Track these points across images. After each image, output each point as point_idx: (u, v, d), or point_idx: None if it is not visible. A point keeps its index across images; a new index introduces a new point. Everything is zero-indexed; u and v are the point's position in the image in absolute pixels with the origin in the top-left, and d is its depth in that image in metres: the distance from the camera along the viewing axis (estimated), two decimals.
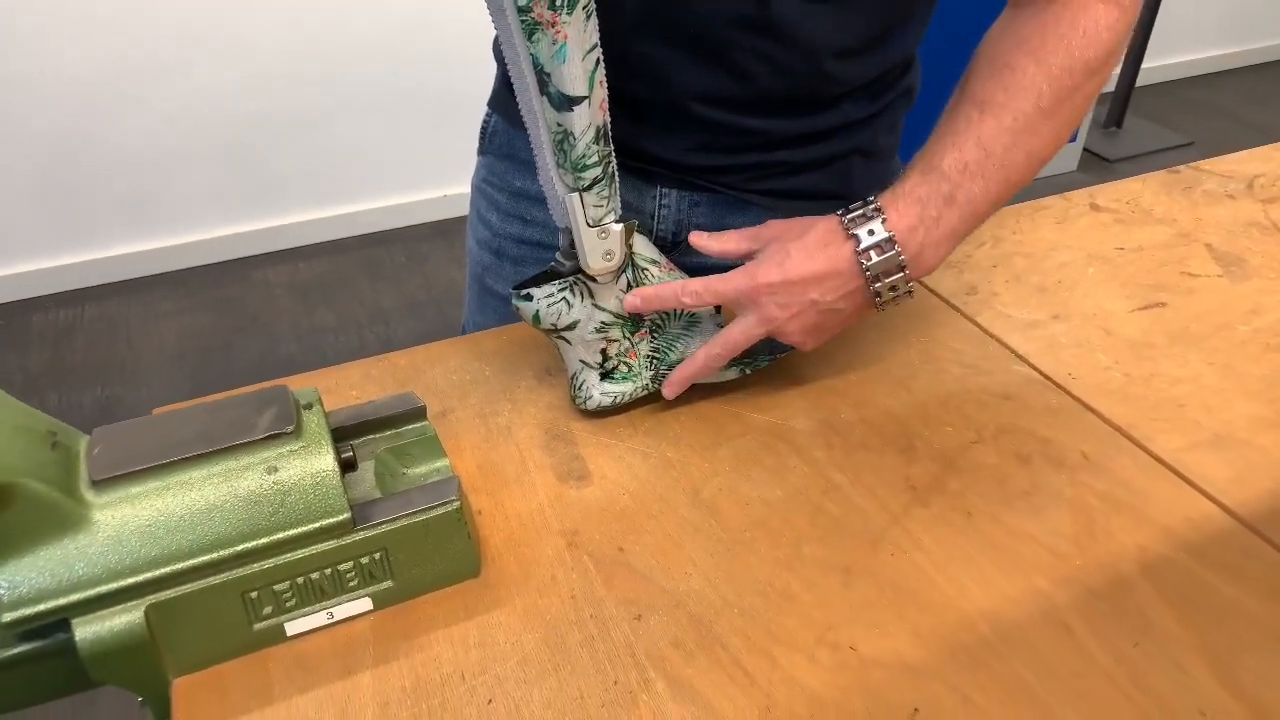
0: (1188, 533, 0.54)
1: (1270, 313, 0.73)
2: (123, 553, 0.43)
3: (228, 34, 2.16)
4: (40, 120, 2.09)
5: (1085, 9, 0.58)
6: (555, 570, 0.52)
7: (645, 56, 0.65)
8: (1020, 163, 0.57)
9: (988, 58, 0.60)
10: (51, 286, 2.25)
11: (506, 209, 0.79)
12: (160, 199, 2.28)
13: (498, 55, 0.75)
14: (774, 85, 0.67)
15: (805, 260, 0.57)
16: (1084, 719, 0.44)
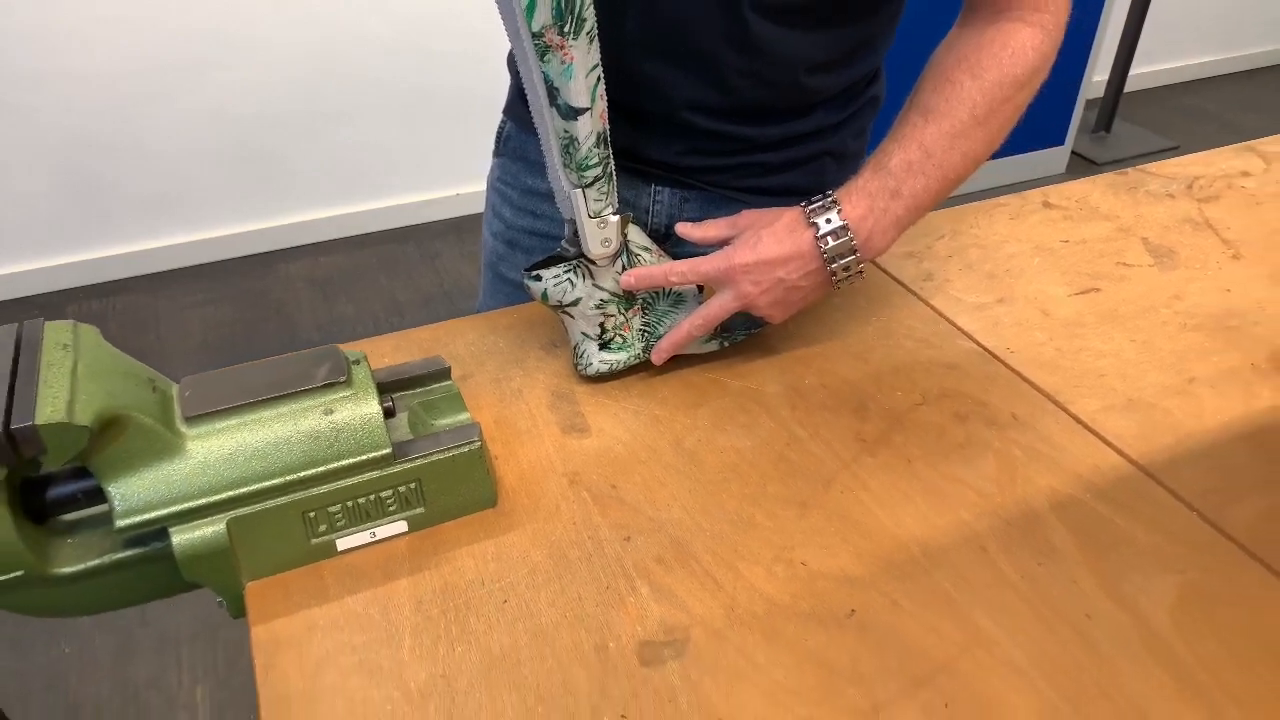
0: (1094, 478, 0.64)
1: (1191, 298, 0.83)
2: (209, 475, 0.53)
3: (252, 37, 2.27)
4: (74, 118, 2.20)
5: (1014, 33, 0.68)
6: (559, 502, 0.62)
7: (644, 72, 0.74)
8: (957, 162, 0.67)
9: (933, 72, 0.70)
10: (84, 279, 2.37)
11: (519, 205, 0.89)
12: (187, 196, 2.40)
13: (512, 69, 0.86)
14: (755, 96, 0.77)
15: (774, 244, 0.67)
16: (990, 619, 0.54)
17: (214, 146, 2.36)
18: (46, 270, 2.33)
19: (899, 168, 0.67)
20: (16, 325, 0.53)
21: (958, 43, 0.71)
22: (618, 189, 0.68)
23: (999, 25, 0.69)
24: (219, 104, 2.31)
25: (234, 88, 2.31)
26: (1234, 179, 1.02)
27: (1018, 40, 0.68)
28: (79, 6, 2.09)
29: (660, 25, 0.72)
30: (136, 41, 2.17)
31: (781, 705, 0.49)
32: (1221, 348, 0.76)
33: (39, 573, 0.52)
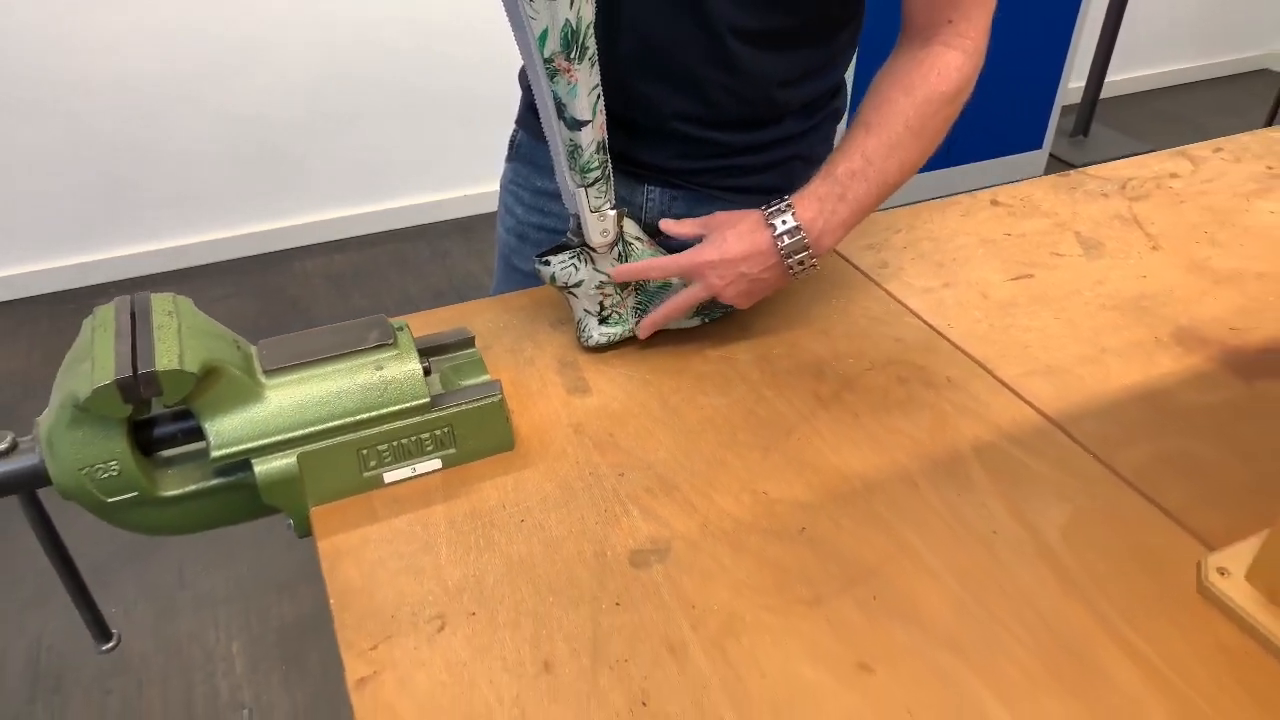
0: (1010, 429, 0.76)
1: (1112, 283, 0.95)
2: (284, 418, 0.66)
3: (274, 45, 2.40)
4: (108, 122, 2.33)
5: (941, 56, 0.80)
6: (565, 446, 0.75)
7: (638, 89, 0.87)
8: (894, 169, 0.80)
9: (874, 90, 0.83)
10: (112, 274, 2.50)
11: (529, 204, 1.02)
12: (212, 195, 2.53)
13: (523, 84, 0.98)
14: (734, 108, 0.89)
15: (736, 243, 0.79)
16: (915, 535, 0.66)
17: (238, 149, 2.49)
18: (76, 266, 2.46)
19: (844, 175, 0.79)
20: (129, 296, 0.66)
21: (894, 65, 0.84)
22: (615, 188, 0.80)
23: (928, 49, 0.81)
24: (243, 109, 2.44)
25: (257, 94, 2.44)
26: (1163, 180, 1.15)
27: (944, 62, 0.80)
28: (114, 17, 2.22)
29: (652, 48, 0.84)
30: (167, 50, 2.30)
31: (743, 597, 0.62)
32: (1132, 324, 0.89)
33: (148, 494, 0.65)
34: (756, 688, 0.56)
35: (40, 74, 2.22)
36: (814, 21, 0.85)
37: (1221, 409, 0.78)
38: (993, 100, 2.76)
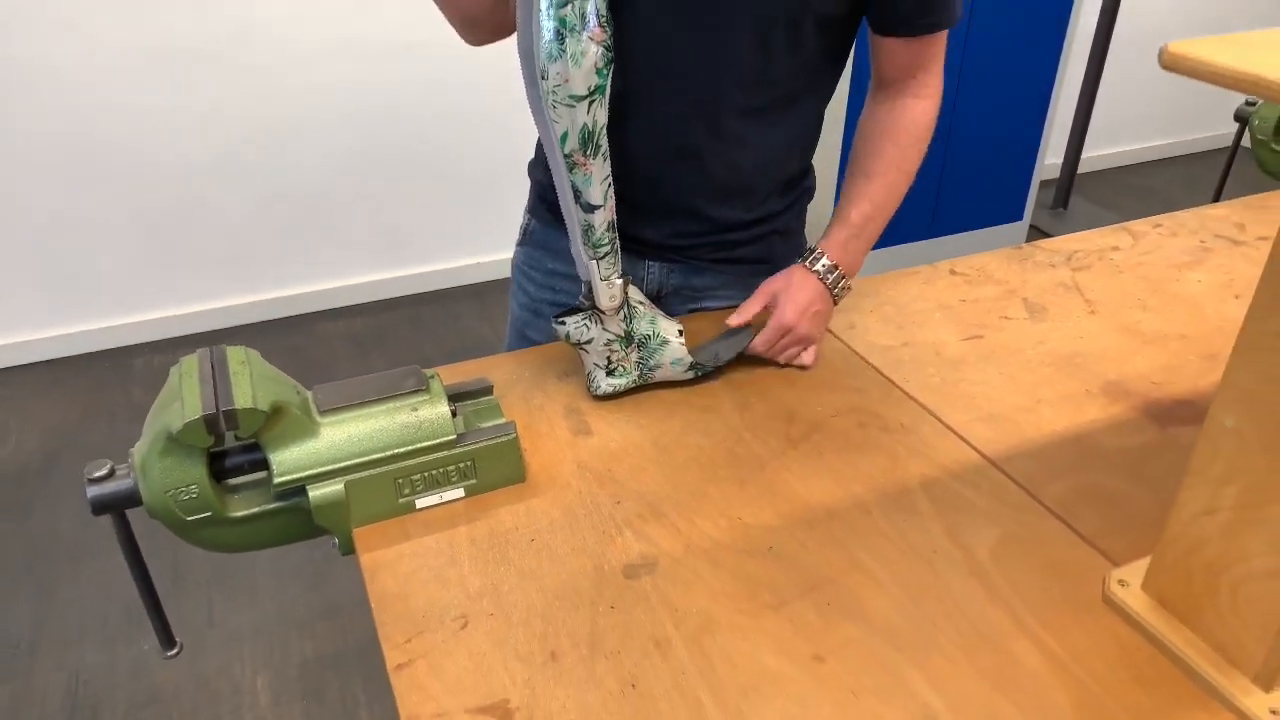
0: (953, 466, 0.89)
1: (1052, 343, 1.08)
2: (334, 450, 0.79)
3: (306, 125, 2.59)
4: (151, 194, 2.51)
5: (912, 107, 1.00)
6: (570, 479, 0.87)
7: (644, 169, 0.99)
8: (894, 206, 1.00)
9: (864, 141, 1.02)
10: (148, 336, 2.65)
11: (541, 283, 1.15)
12: (240, 262, 2.69)
13: (533, 176, 1.13)
14: (729, 180, 1.03)
15: (801, 294, 0.98)
16: (866, 553, 0.78)
17: (269, 220, 2.66)
18: (119, 327, 2.61)
19: (857, 219, 0.99)
20: (209, 349, 0.80)
21: (874, 117, 1.02)
22: (621, 261, 0.94)
23: (901, 100, 1.01)
24: (277, 183, 2.62)
25: (289, 169, 2.62)
26: (1106, 252, 1.29)
27: (916, 111, 1.00)
28: (168, 99, 2.41)
29: (661, 129, 0.98)
30: (217, 129, 2.50)
31: (718, 603, 0.74)
32: (1066, 379, 1.02)
33: (219, 514, 0.78)
34: (727, 674, 0.68)
35: (100, 147, 2.40)
36: (798, 95, 1.00)
37: (1137, 451, 0.91)
38: (974, 174, 2.94)
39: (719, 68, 0.94)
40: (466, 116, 2.73)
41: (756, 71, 0.95)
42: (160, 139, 2.46)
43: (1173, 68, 0.51)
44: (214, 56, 2.42)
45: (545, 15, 0.82)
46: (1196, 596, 0.68)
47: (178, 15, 2.35)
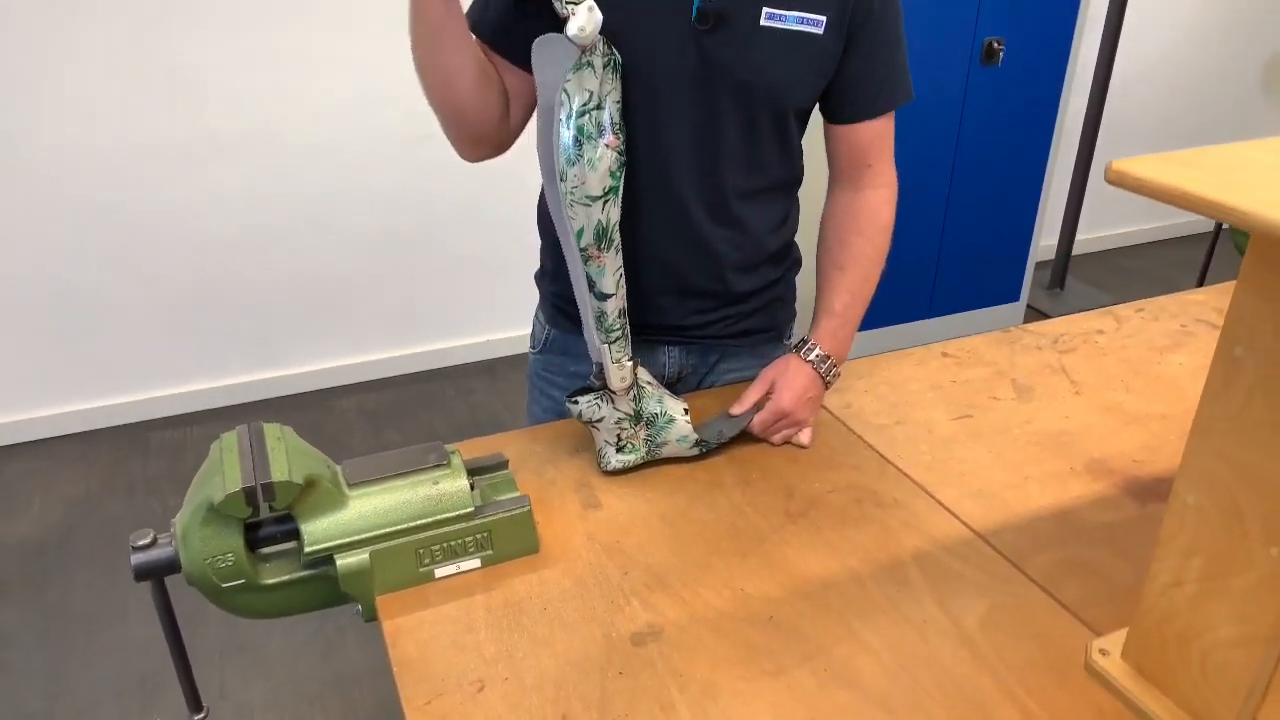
0: (944, 540, 0.93)
1: (1038, 422, 1.14)
2: (361, 521, 0.84)
3: (324, 210, 2.70)
4: (178, 274, 2.61)
5: (872, 198, 1.10)
6: (580, 551, 0.92)
7: (656, 254, 1.07)
8: (870, 292, 1.10)
9: (831, 236, 1.12)
10: (166, 411, 2.72)
11: (566, 387, 1.20)
12: (260, 339, 2.78)
13: (542, 287, 1.21)
14: (733, 255, 1.11)
15: (796, 380, 1.05)
16: (860, 621, 0.83)
17: (290, 299, 2.76)
18: (136, 403, 2.69)
19: (840, 309, 1.09)
20: (247, 425, 0.86)
21: (837, 211, 1.13)
22: (640, 354, 1.01)
23: (861, 194, 1.11)
24: (298, 264, 2.73)
25: (311, 252, 2.73)
26: (1090, 336, 1.36)
27: (876, 202, 1.10)
28: (197, 185, 2.53)
29: (668, 217, 1.06)
30: (241, 213, 2.61)
31: (721, 669, 0.78)
32: (1052, 457, 1.07)
33: (253, 581, 0.83)
34: None
35: (127, 228, 2.51)
36: (786, 179, 1.12)
37: (1118, 526, 0.95)
38: (971, 256, 3.03)
39: (717, 160, 1.04)
40: (476, 200, 2.85)
41: (749, 161, 1.06)
42: (186, 222, 2.57)
43: (1117, 183, 0.58)
44: (241, 145, 2.55)
45: (564, 125, 0.90)
46: (1170, 665, 0.72)
47: (208, 107, 2.48)
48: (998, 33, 2.76)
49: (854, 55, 1.03)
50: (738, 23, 0.98)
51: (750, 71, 0.99)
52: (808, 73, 1.02)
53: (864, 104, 1.07)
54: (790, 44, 0.99)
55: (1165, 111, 3.82)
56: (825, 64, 1.02)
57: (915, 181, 2.81)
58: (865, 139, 1.09)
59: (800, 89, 1.03)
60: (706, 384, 1.22)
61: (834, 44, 1.01)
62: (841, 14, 1.00)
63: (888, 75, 1.06)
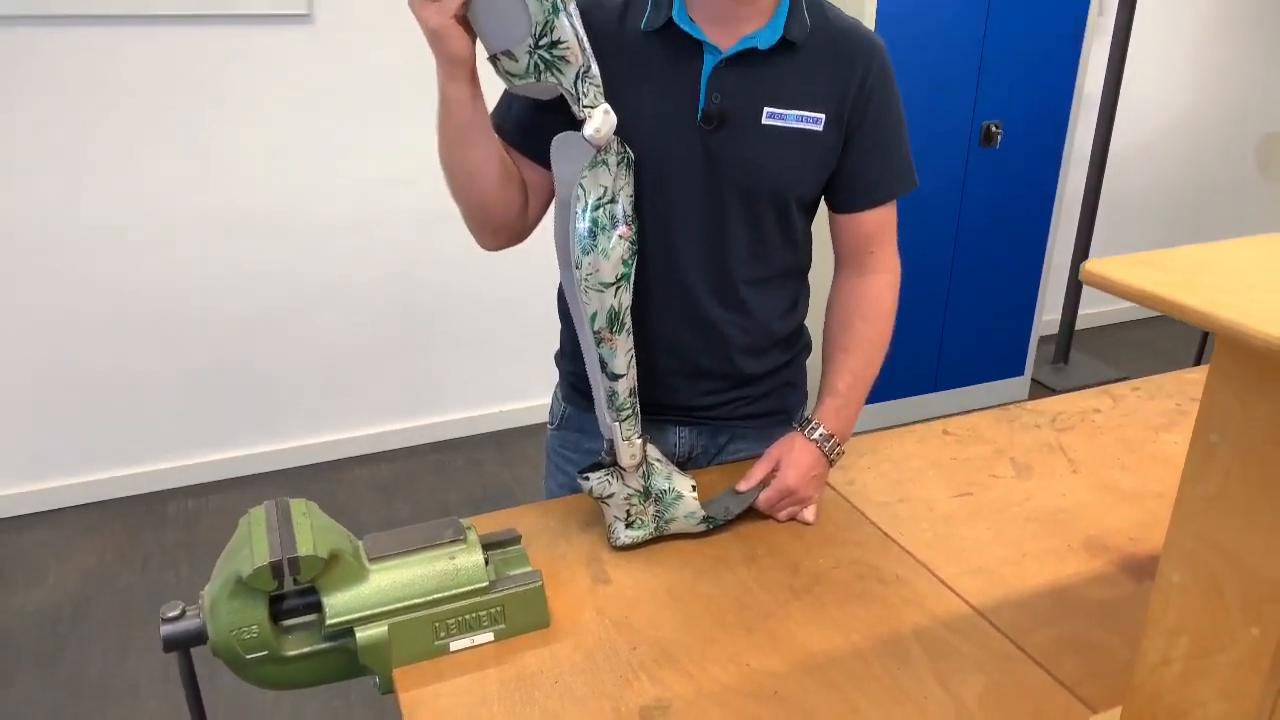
0: (944, 616, 0.96)
1: (1036, 500, 1.17)
2: (381, 595, 0.88)
3: (341, 285, 2.78)
4: (196, 348, 2.68)
5: (876, 284, 1.15)
6: (590, 625, 0.95)
7: (666, 337, 1.13)
8: (872, 374, 1.13)
9: (837, 318, 1.16)
10: (182, 481, 2.76)
11: (579, 463, 1.24)
12: (274, 411, 2.83)
13: (562, 367, 1.25)
14: (742, 339, 1.16)
15: (802, 458, 1.08)
16: (862, 696, 0.85)
17: (305, 372, 2.82)
18: (153, 472, 2.73)
19: (843, 389, 1.12)
20: (274, 501, 0.90)
21: (841, 296, 1.17)
22: (651, 434, 1.05)
23: (865, 279, 1.16)
24: (314, 338, 2.80)
25: (326, 326, 2.80)
26: (1087, 414, 1.39)
27: (879, 287, 1.15)
28: (219, 261, 2.62)
29: (678, 302, 1.11)
30: (260, 289, 2.69)
31: None
32: (1050, 534, 1.10)
33: (275, 653, 0.86)
34: None
35: (149, 302, 2.59)
36: (792, 267, 1.17)
37: (1114, 603, 0.98)
38: (975, 331, 3.08)
39: (724, 249, 1.10)
40: (488, 275, 2.93)
41: (755, 250, 1.11)
42: (207, 297, 2.65)
43: (1090, 284, 0.63)
44: (263, 224, 2.64)
45: (580, 217, 0.96)
46: None
47: (233, 187, 2.58)
48: (995, 116, 2.87)
49: (854, 149, 1.09)
50: (740, 122, 1.05)
51: (753, 167, 1.06)
52: (809, 167, 1.08)
53: (865, 195, 1.13)
54: (791, 140, 1.06)
55: (1163, 188, 3.91)
56: (826, 158, 1.09)
57: (918, 258, 2.89)
58: (867, 227, 1.14)
59: (802, 182, 1.10)
60: (715, 464, 1.25)
61: (834, 139, 1.08)
62: (840, 111, 1.07)
63: (888, 167, 1.12)
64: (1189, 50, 3.71)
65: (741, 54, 1.03)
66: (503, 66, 0.95)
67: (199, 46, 2.44)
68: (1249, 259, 0.66)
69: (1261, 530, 0.63)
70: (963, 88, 2.79)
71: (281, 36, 2.51)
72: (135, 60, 2.40)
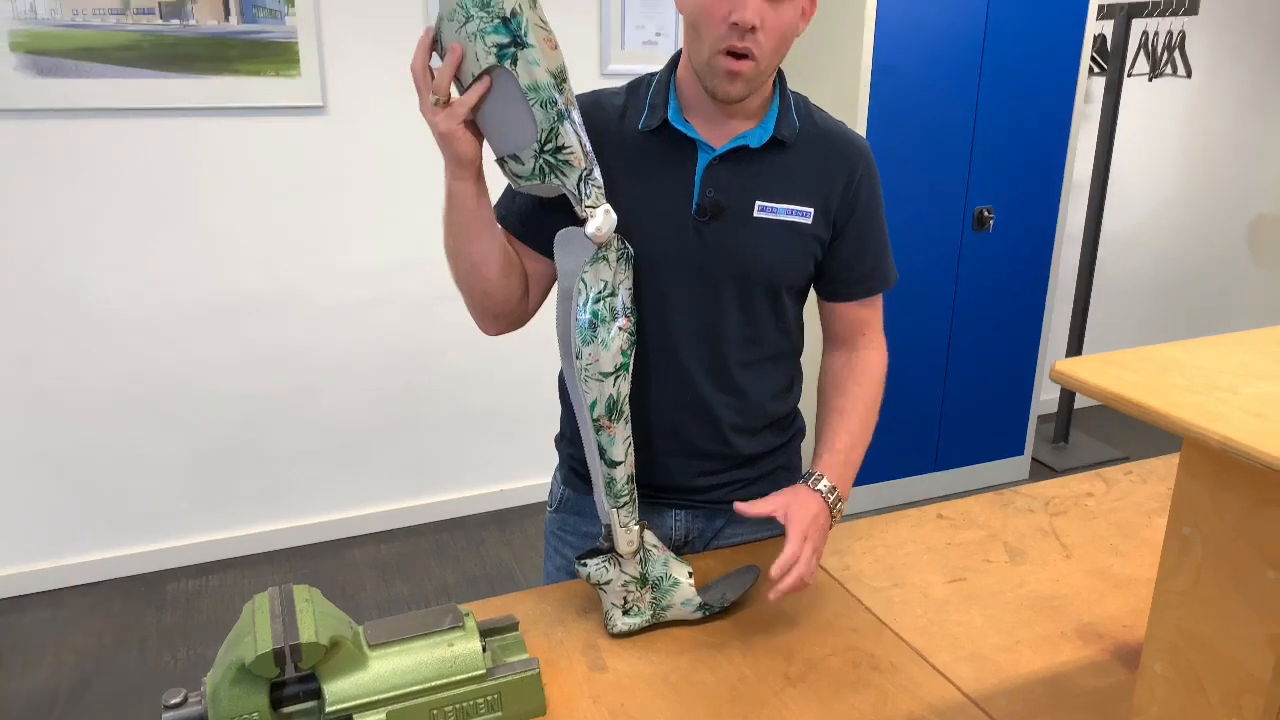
0: (938, 704, 0.97)
1: (1029, 585, 1.18)
2: (380, 682, 0.89)
3: (346, 367, 2.83)
4: (203, 428, 2.71)
5: (867, 357, 1.20)
6: (586, 713, 0.95)
7: (663, 419, 1.16)
8: (868, 434, 1.17)
9: (830, 386, 1.20)
10: (182, 561, 2.76)
11: (576, 545, 1.26)
12: (277, 491, 2.85)
13: (562, 451, 1.28)
14: (735, 419, 1.19)
15: (810, 506, 1.08)
16: None
17: (309, 451, 2.85)
18: (153, 553, 2.73)
19: (842, 447, 1.14)
20: (278, 588, 0.92)
21: (833, 367, 1.22)
22: (648, 517, 1.07)
23: (856, 354, 1.21)
24: (320, 417, 2.83)
25: (326, 407, 2.84)
26: (1081, 498, 1.41)
27: (870, 359, 1.21)
28: (228, 344, 2.67)
29: (674, 385, 1.15)
30: (267, 371, 2.74)
31: None
32: (1044, 620, 1.11)
33: None
34: None
35: (158, 383, 2.63)
36: (784, 350, 1.21)
37: (1107, 691, 0.98)
38: (972, 411, 3.11)
39: (717, 333, 1.14)
40: (490, 356, 2.98)
41: (748, 335, 1.16)
42: (212, 377, 2.69)
43: (1059, 382, 0.67)
44: (271, 305, 2.70)
45: (581, 309, 1.01)
46: None
47: (243, 271, 2.65)
48: (987, 201, 2.95)
49: (841, 244, 1.15)
50: (733, 214, 1.10)
51: (745, 256, 1.11)
52: (799, 256, 1.14)
53: (854, 287, 1.19)
54: (781, 232, 1.11)
55: (1158, 269, 3.98)
56: (814, 248, 1.14)
57: (915, 339, 2.94)
58: (856, 316, 1.20)
59: (791, 271, 1.15)
60: (712, 548, 1.27)
61: (822, 231, 1.14)
62: (827, 207, 1.13)
63: (873, 263, 1.18)
64: (1175, 136, 3.83)
65: (733, 151, 1.09)
66: (509, 168, 1.00)
67: (216, 135, 2.54)
68: (1215, 358, 0.69)
69: (1235, 622, 0.65)
70: (954, 174, 2.88)
71: (297, 127, 2.61)
72: (153, 148, 2.49)
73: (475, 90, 0.95)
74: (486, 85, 0.95)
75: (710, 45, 1.02)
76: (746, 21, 0.98)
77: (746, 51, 1.01)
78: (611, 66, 2.86)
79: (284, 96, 2.56)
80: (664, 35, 2.88)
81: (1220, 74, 3.81)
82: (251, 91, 2.52)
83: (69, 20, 2.31)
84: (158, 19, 2.38)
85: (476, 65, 0.94)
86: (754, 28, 0.99)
